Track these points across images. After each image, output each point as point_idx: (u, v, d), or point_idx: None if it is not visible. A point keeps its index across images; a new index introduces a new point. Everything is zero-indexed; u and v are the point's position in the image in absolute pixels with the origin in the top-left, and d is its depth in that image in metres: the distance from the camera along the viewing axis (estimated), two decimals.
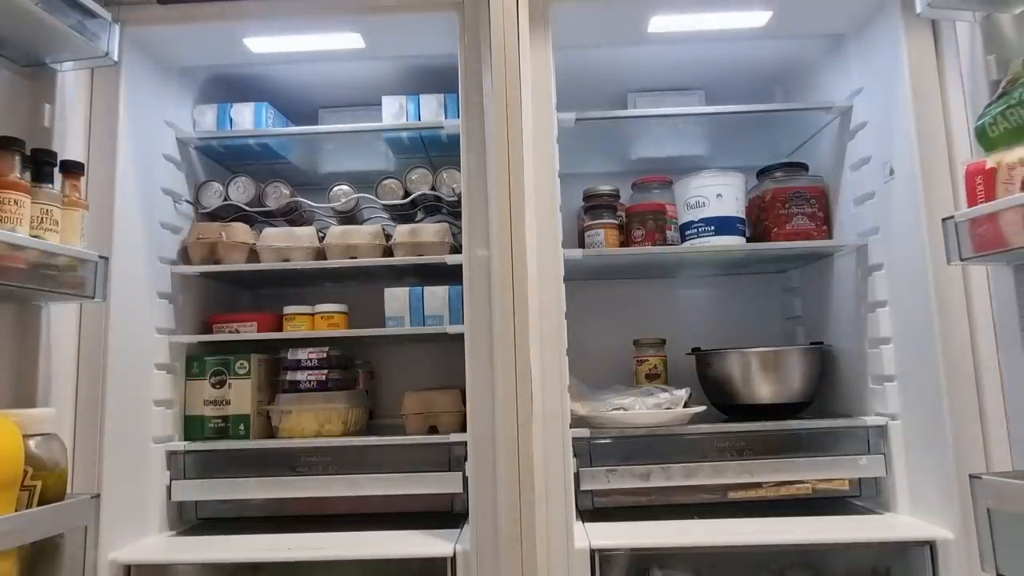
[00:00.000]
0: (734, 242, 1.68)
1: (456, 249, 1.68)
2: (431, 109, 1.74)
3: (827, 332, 1.81)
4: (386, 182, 1.79)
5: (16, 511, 1.04)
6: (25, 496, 1.07)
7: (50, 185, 1.21)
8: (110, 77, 1.46)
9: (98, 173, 1.43)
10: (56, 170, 1.24)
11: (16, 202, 1.12)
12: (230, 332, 1.71)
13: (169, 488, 1.57)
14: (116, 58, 1.40)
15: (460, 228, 1.48)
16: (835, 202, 1.75)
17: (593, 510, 1.56)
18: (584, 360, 1.62)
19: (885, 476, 1.52)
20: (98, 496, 1.21)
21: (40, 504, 1.09)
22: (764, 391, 1.65)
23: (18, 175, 1.14)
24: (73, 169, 1.28)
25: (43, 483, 1.09)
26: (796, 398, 1.65)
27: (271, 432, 1.68)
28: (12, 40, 1.29)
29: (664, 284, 2.08)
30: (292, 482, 1.56)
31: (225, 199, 1.77)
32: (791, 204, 1.71)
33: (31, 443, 1.08)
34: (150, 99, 1.60)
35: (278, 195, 1.80)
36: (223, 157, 1.91)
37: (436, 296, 1.67)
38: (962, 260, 1.18)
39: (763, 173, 1.80)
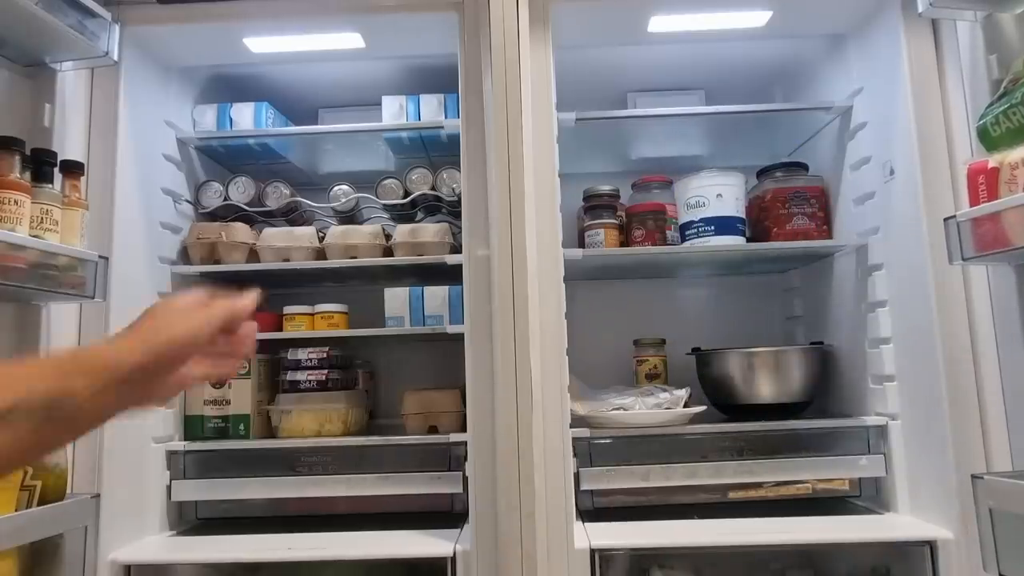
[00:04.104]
0: (734, 242, 1.67)
1: (456, 249, 1.68)
2: (431, 109, 1.73)
3: (827, 332, 1.81)
4: (386, 182, 1.79)
5: (16, 511, 1.04)
6: (25, 496, 1.07)
7: (50, 185, 1.21)
8: (110, 77, 1.46)
9: (98, 173, 1.43)
10: (56, 170, 1.24)
11: (16, 202, 1.12)
12: None
13: (169, 488, 1.57)
14: (116, 58, 1.40)
15: (460, 228, 1.48)
16: (835, 202, 1.74)
17: (593, 510, 1.56)
18: (584, 360, 1.62)
19: (885, 476, 1.52)
20: (98, 496, 1.21)
21: (40, 504, 1.09)
22: (764, 391, 1.64)
23: (18, 175, 1.14)
24: (73, 169, 1.28)
25: (43, 483, 1.09)
26: (796, 398, 1.65)
27: (271, 432, 1.68)
28: (12, 40, 1.29)
29: (664, 284, 2.08)
30: (292, 482, 1.56)
31: (225, 199, 1.77)
32: (791, 204, 1.71)
33: None
34: (150, 99, 1.60)
35: (278, 195, 1.80)
36: (223, 157, 1.91)
37: (436, 296, 1.67)
38: (964, 260, 1.18)
39: (763, 173, 1.80)
